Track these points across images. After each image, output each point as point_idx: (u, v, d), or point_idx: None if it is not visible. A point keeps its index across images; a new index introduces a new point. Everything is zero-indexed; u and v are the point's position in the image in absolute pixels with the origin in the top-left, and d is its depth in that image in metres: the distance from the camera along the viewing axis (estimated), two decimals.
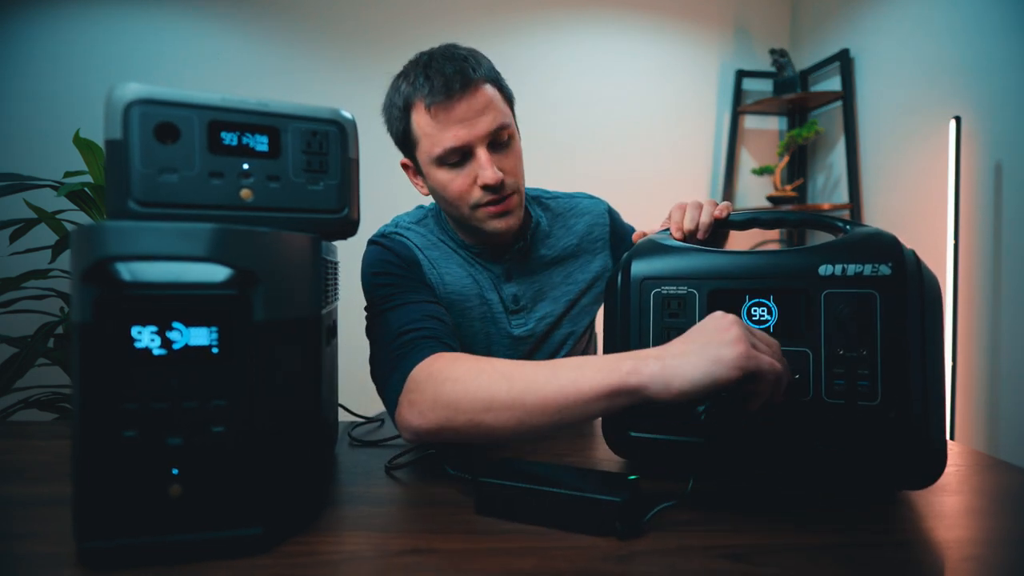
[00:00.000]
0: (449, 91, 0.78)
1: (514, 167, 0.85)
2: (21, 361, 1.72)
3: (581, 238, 0.99)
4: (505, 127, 0.83)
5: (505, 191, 0.84)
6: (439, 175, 0.84)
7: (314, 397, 0.57)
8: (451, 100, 0.79)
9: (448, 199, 0.85)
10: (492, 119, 0.81)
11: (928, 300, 0.57)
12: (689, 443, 0.62)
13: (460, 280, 0.92)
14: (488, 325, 0.93)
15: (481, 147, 0.81)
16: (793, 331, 0.60)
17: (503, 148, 0.84)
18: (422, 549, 0.49)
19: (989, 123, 1.87)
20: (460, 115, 0.79)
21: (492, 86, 0.83)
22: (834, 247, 0.60)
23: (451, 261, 0.94)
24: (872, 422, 0.57)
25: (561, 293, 0.96)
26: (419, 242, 0.94)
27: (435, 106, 0.79)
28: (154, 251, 0.45)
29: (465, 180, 0.83)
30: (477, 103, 0.80)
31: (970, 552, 0.49)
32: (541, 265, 0.96)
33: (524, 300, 0.94)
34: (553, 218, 1.00)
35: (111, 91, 0.50)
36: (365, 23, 2.58)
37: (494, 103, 0.82)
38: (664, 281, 0.65)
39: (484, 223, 0.86)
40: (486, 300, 0.93)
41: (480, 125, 0.80)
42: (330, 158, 0.57)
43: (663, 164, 2.76)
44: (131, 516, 0.45)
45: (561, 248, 0.98)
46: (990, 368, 1.86)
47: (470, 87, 0.79)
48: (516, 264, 0.94)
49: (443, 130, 0.80)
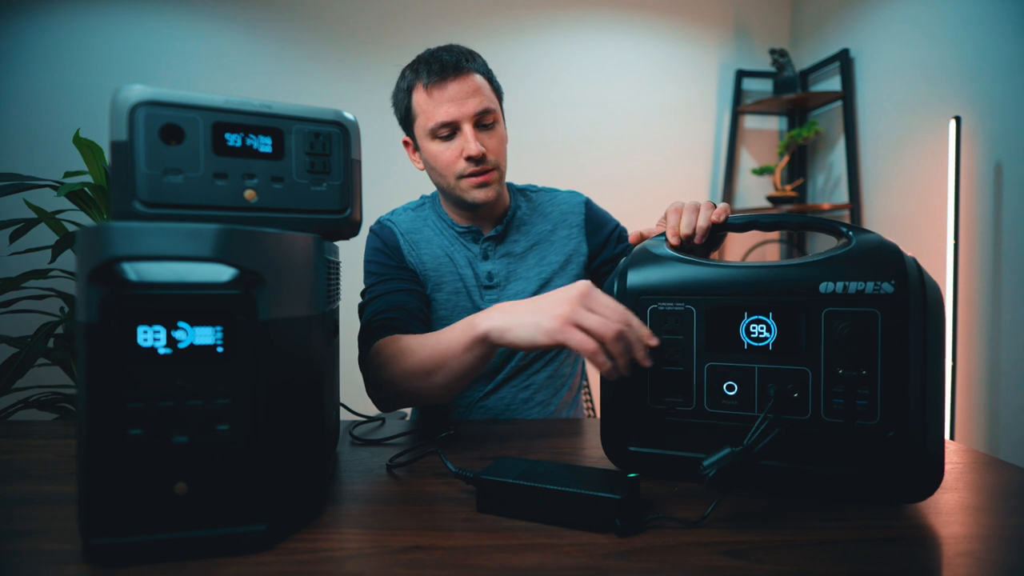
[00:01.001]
0: (444, 74, 0.94)
1: (496, 147, 1.00)
2: (21, 361, 1.72)
3: (555, 223, 1.11)
4: (490, 111, 0.97)
5: (487, 165, 0.98)
6: (432, 147, 0.99)
7: (317, 396, 0.57)
8: (445, 81, 0.95)
9: (438, 169, 1.00)
10: (479, 102, 0.96)
11: (930, 317, 0.55)
12: (686, 458, 0.63)
13: (437, 259, 1.06)
14: (462, 298, 1.05)
15: (468, 124, 0.96)
16: (792, 349, 0.59)
17: (487, 129, 0.99)
18: (423, 546, 0.50)
19: (989, 123, 1.87)
20: (451, 95, 0.95)
21: (482, 77, 0.99)
22: (835, 261, 0.59)
23: (434, 241, 1.07)
24: (870, 441, 0.56)
25: (534, 274, 1.07)
26: (405, 227, 1.09)
27: (431, 85, 0.95)
28: (159, 251, 0.46)
29: (453, 152, 0.98)
30: (467, 87, 0.95)
31: (967, 548, 0.50)
32: (517, 248, 1.08)
33: (498, 278, 1.06)
34: (532, 208, 1.13)
35: (117, 93, 0.51)
36: (368, 24, 2.59)
37: (482, 90, 0.97)
38: (661, 297, 0.64)
39: (466, 193, 1.00)
40: (461, 276, 1.06)
41: (468, 105, 0.95)
42: (333, 159, 0.58)
43: (663, 164, 2.76)
44: (137, 513, 0.46)
45: (535, 233, 1.10)
46: (990, 368, 1.87)
47: (462, 72, 0.95)
48: (493, 246, 1.07)
49: (437, 107, 0.96)
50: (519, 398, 1.07)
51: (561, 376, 1.12)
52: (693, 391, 0.63)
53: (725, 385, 0.62)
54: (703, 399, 0.63)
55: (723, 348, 0.62)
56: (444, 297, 1.05)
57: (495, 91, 1.02)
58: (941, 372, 0.56)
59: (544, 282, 1.07)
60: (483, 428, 0.87)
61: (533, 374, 1.08)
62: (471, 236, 1.07)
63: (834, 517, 0.55)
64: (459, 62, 0.95)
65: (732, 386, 0.62)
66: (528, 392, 1.08)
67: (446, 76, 0.94)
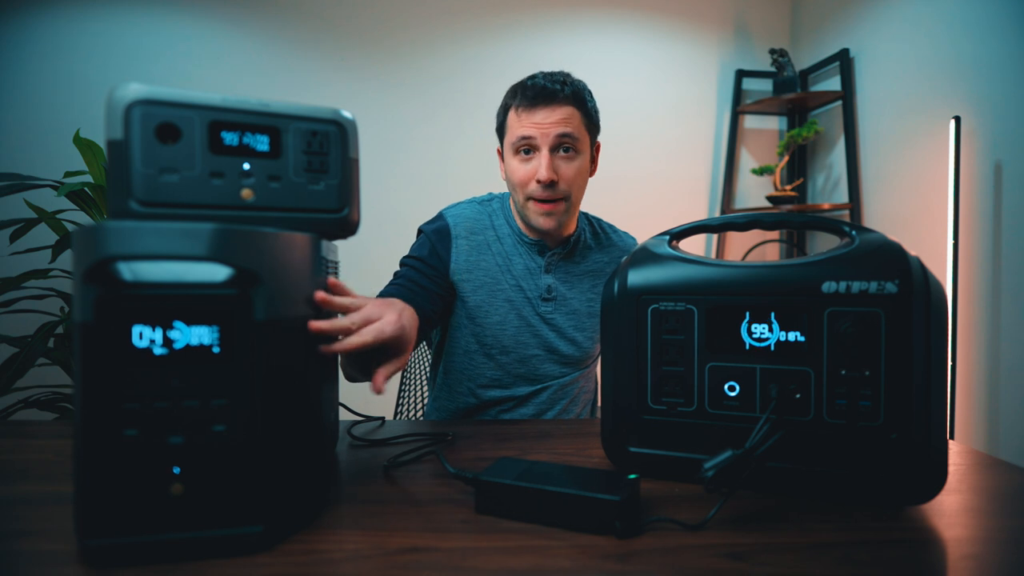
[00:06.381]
0: (535, 100, 0.99)
1: (571, 177, 1.01)
2: (21, 361, 1.72)
3: (611, 259, 1.16)
4: (570, 137, 1.00)
5: (556, 193, 1.00)
6: (512, 161, 1.04)
7: (314, 396, 0.57)
8: (535, 107, 0.99)
9: (514, 183, 1.04)
10: (561, 128, 0.99)
11: (934, 316, 0.55)
12: (686, 459, 0.62)
13: (496, 266, 1.09)
14: (516, 306, 1.08)
15: (545, 147, 0.99)
16: (795, 349, 0.59)
17: (566, 158, 1.01)
18: (422, 548, 0.49)
19: (989, 123, 1.87)
20: (537, 119, 0.99)
21: (574, 107, 1.01)
22: (838, 261, 0.58)
23: (494, 247, 1.10)
24: (873, 442, 0.56)
25: (585, 298, 1.12)
26: (467, 228, 1.10)
27: (521, 108, 1.01)
28: (155, 251, 0.45)
29: (528, 172, 1.01)
30: (554, 115, 0.99)
31: (970, 551, 0.49)
32: (576, 270, 1.12)
33: (555, 292, 1.09)
34: (597, 239, 1.17)
35: (112, 91, 0.51)
36: (366, 23, 2.58)
37: (568, 119, 1.00)
38: (662, 296, 0.64)
39: (531, 215, 1.03)
40: (520, 286, 1.09)
41: (549, 129, 0.99)
42: (330, 158, 0.57)
43: (663, 164, 2.76)
44: (133, 514, 0.45)
45: (594, 261, 1.14)
46: (990, 368, 1.86)
47: (553, 101, 0.99)
48: (556, 261, 1.10)
49: (521, 126, 1.01)
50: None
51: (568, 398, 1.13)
52: (694, 391, 0.63)
53: (726, 386, 0.62)
54: (704, 400, 0.62)
55: (724, 348, 0.62)
56: (499, 303, 1.08)
57: (588, 125, 1.04)
58: (944, 371, 0.55)
59: (591, 311, 1.11)
60: (482, 429, 0.87)
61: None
62: (537, 248, 1.09)
63: (836, 519, 0.55)
64: (552, 90, 0.99)
65: (733, 387, 0.61)
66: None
67: (536, 103, 0.99)
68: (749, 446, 0.55)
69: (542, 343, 1.08)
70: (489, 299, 1.07)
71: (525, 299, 1.08)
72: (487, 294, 1.07)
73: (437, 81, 2.61)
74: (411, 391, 1.34)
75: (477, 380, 1.08)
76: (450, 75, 2.61)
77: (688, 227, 0.70)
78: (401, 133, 2.58)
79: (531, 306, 1.08)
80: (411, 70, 2.60)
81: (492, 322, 1.07)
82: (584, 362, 1.12)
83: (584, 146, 1.03)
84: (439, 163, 2.58)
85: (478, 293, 1.07)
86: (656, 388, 0.64)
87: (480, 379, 1.08)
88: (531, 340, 1.08)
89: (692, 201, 2.76)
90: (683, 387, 0.63)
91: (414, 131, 2.59)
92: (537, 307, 1.08)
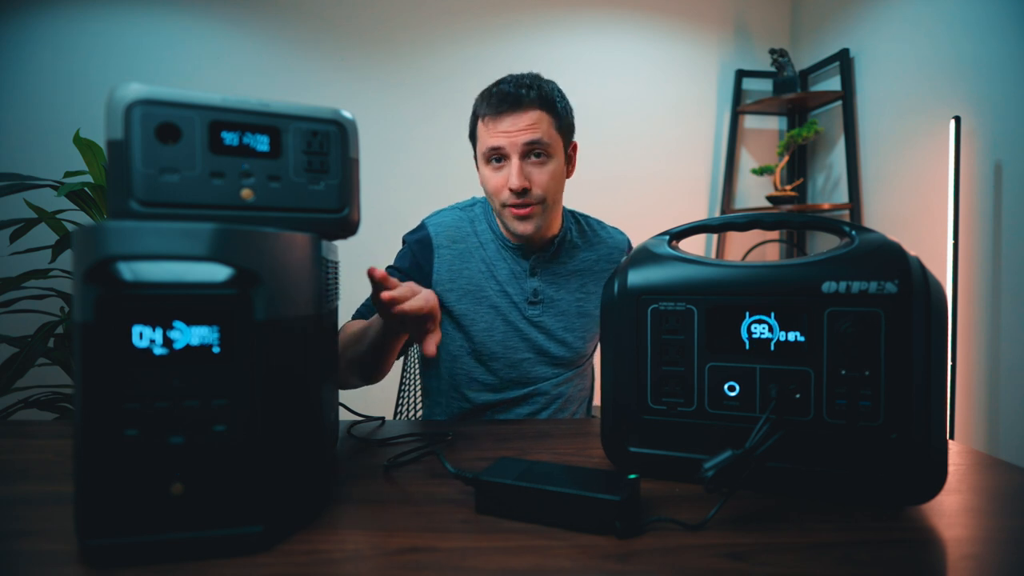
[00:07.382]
0: (500, 107, 0.97)
1: (544, 182, 0.99)
2: (21, 361, 1.72)
3: (600, 256, 1.14)
4: (539, 144, 0.97)
5: (529, 199, 0.99)
6: (484, 170, 1.03)
7: (314, 396, 0.57)
8: (500, 115, 0.97)
9: (488, 192, 1.04)
10: (529, 135, 0.97)
11: (934, 316, 0.54)
12: (687, 459, 0.62)
13: (479, 273, 1.08)
14: (502, 312, 1.07)
15: (515, 156, 0.97)
16: (795, 349, 0.59)
17: (537, 163, 0.99)
18: (422, 548, 0.49)
19: (989, 123, 1.87)
20: (503, 127, 0.97)
21: (541, 110, 0.98)
22: (838, 261, 0.58)
23: (476, 254, 1.09)
24: (873, 442, 0.56)
25: (574, 298, 1.10)
26: (449, 237, 1.10)
27: (487, 117, 0.99)
28: (155, 251, 0.45)
29: (500, 180, 1.00)
30: (520, 121, 0.97)
31: (970, 551, 0.49)
32: (563, 270, 1.10)
33: (542, 295, 1.08)
34: (584, 236, 1.14)
35: (112, 91, 0.51)
36: (366, 23, 2.58)
37: (535, 124, 0.97)
38: (662, 296, 0.64)
39: (508, 221, 1.02)
40: (505, 291, 1.07)
41: (516, 137, 0.97)
42: (331, 158, 0.57)
43: (663, 164, 2.76)
44: (133, 514, 0.45)
45: (581, 260, 1.12)
46: (990, 368, 1.86)
47: (518, 108, 0.97)
48: (541, 264, 1.09)
49: (489, 136, 0.99)
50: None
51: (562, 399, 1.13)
52: (694, 391, 0.63)
53: (726, 385, 0.62)
54: (704, 400, 0.62)
55: (724, 348, 0.62)
56: (484, 310, 1.07)
57: (560, 127, 1.01)
58: (944, 371, 0.55)
59: (580, 310, 1.10)
60: (482, 429, 0.87)
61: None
62: (520, 252, 1.08)
63: (836, 519, 0.55)
64: (517, 96, 0.97)
65: (733, 386, 0.61)
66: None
67: (501, 110, 0.97)
68: (749, 446, 0.55)
69: (531, 346, 1.07)
70: (474, 307, 1.07)
71: (511, 304, 1.07)
72: (472, 302, 1.07)
73: (437, 81, 2.61)
74: (411, 391, 1.34)
75: (470, 385, 1.08)
76: (450, 75, 2.61)
77: (688, 227, 0.70)
78: (401, 133, 2.58)
79: (517, 310, 1.07)
80: (411, 70, 2.60)
81: (479, 329, 1.07)
82: (577, 362, 1.12)
83: (555, 149, 1.00)
84: (439, 163, 2.58)
85: (463, 301, 1.07)
86: (656, 388, 0.64)
87: (472, 384, 1.08)
88: (520, 344, 1.07)
89: (692, 201, 2.76)
90: (683, 387, 0.63)
91: (414, 131, 2.59)
92: (524, 311, 1.07)
